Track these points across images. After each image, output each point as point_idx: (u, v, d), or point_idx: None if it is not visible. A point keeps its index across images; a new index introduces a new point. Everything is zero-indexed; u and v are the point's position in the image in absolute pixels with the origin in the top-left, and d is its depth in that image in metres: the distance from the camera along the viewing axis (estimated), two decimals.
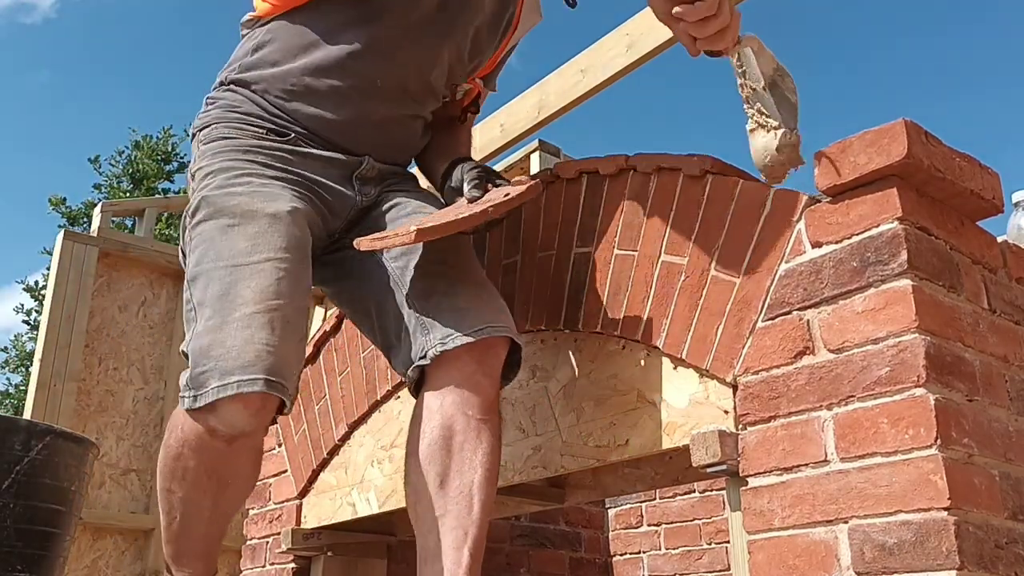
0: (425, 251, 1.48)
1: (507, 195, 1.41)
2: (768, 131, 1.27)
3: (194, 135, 1.57)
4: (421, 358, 1.37)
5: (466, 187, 1.46)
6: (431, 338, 1.37)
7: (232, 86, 1.55)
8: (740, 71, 1.28)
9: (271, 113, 1.51)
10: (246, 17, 1.61)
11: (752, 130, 1.29)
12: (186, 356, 1.29)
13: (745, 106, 1.29)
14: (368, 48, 1.50)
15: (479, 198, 1.43)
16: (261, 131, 1.50)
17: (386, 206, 1.56)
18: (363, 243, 1.39)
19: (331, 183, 1.51)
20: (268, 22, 1.56)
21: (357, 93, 1.51)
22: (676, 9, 1.20)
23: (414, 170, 1.74)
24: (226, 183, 1.41)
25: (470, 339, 1.34)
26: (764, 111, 1.27)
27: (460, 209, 1.42)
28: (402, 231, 1.35)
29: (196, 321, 1.30)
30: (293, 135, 1.50)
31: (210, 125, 1.53)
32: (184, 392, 1.26)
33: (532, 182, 1.45)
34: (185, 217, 1.44)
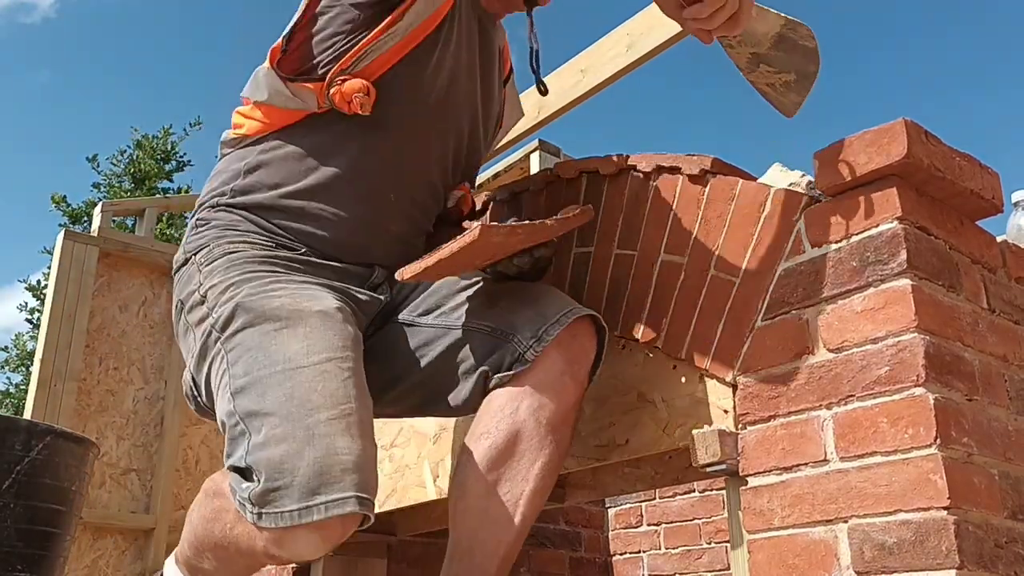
0: (466, 290, 1.43)
1: (558, 217, 1.36)
2: (782, 85, 1.26)
3: (188, 259, 1.43)
4: (516, 362, 1.31)
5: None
6: (519, 339, 1.32)
7: (227, 208, 1.44)
8: (735, 40, 1.27)
9: (274, 232, 1.41)
10: (228, 136, 1.50)
11: (765, 94, 1.27)
12: (239, 471, 1.16)
13: (745, 75, 1.28)
14: (374, 160, 1.43)
15: None
16: (270, 244, 1.40)
17: (407, 288, 1.48)
18: (407, 271, 1.30)
19: (352, 288, 1.41)
20: (259, 140, 1.45)
21: (370, 210, 1.43)
22: (686, 12, 1.21)
23: None
24: (259, 289, 1.30)
25: (560, 326, 1.31)
26: (772, 68, 1.26)
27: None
28: (463, 234, 1.25)
29: (251, 433, 1.16)
30: (304, 249, 1.41)
31: (208, 246, 1.41)
32: (245, 504, 1.13)
33: (585, 207, 1.42)
34: (211, 332, 1.30)
